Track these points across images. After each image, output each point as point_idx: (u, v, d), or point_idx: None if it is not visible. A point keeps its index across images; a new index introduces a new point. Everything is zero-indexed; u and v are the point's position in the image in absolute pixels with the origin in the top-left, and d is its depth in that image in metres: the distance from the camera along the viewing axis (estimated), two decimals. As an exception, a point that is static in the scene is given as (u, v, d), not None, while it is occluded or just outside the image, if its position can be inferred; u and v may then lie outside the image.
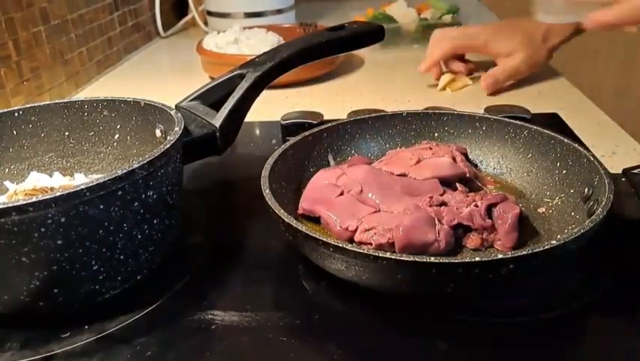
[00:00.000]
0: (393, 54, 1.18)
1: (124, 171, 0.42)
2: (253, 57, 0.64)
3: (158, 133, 0.56)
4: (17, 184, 0.58)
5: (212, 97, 0.61)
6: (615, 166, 0.58)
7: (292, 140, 0.58)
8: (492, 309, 0.45)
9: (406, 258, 0.39)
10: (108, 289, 0.46)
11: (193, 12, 1.43)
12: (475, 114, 0.62)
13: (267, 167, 0.52)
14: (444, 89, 0.95)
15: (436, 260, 0.39)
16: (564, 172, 0.54)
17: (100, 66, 1.13)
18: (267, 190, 0.48)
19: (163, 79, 1.13)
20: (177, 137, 0.48)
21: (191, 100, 0.61)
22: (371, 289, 0.44)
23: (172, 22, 1.47)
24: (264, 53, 0.64)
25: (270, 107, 0.85)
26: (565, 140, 0.55)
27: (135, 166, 0.43)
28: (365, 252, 0.40)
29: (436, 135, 0.63)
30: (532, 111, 0.75)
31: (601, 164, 0.49)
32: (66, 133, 0.60)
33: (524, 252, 0.39)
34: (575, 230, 0.41)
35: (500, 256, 0.39)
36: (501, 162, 0.60)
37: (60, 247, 0.41)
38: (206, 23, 1.42)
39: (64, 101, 0.60)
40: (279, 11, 1.35)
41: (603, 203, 0.44)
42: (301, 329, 0.44)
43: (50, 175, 0.59)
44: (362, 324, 0.45)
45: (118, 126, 0.60)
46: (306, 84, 1.01)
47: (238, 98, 0.59)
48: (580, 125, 0.76)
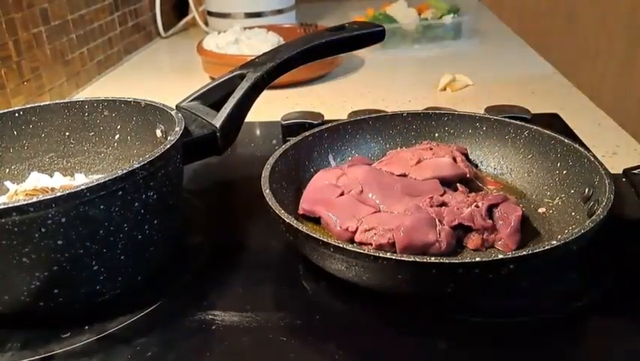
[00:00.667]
0: (393, 54, 1.18)
1: (124, 172, 0.42)
2: (253, 57, 0.64)
3: (159, 133, 0.56)
4: (18, 184, 0.58)
5: (212, 97, 0.61)
6: (616, 166, 0.58)
7: (293, 140, 0.58)
8: (492, 309, 0.45)
9: (407, 258, 0.39)
10: (108, 289, 0.46)
11: (193, 12, 1.43)
12: (476, 114, 0.62)
13: (268, 167, 0.52)
14: (444, 90, 0.95)
15: (437, 260, 0.39)
16: (564, 172, 0.54)
17: (100, 66, 1.13)
18: (268, 190, 0.48)
19: (163, 79, 1.13)
20: (178, 137, 0.48)
21: (191, 100, 0.61)
22: (371, 289, 0.44)
23: (172, 22, 1.47)
24: (265, 54, 0.64)
25: (271, 107, 0.85)
26: (565, 140, 0.55)
27: (136, 166, 0.43)
28: (365, 252, 0.40)
29: (437, 135, 0.63)
30: (532, 111, 0.75)
31: (601, 164, 0.49)
32: (66, 133, 0.60)
33: (524, 252, 0.39)
34: (576, 230, 0.41)
35: (501, 257, 0.39)
36: (501, 163, 0.60)
37: (60, 248, 0.41)
38: (206, 23, 1.42)
39: (64, 101, 0.60)
40: (280, 11, 1.35)
41: (603, 203, 0.44)
42: (301, 329, 0.44)
43: (51, 175, 0.59)
44: (362, 324, 0.45)
45: (118, 126, 0.60)
46: (307, 84, 1.01)
47: (238, 98, 0.59)
48: (580, 125, 0.76)
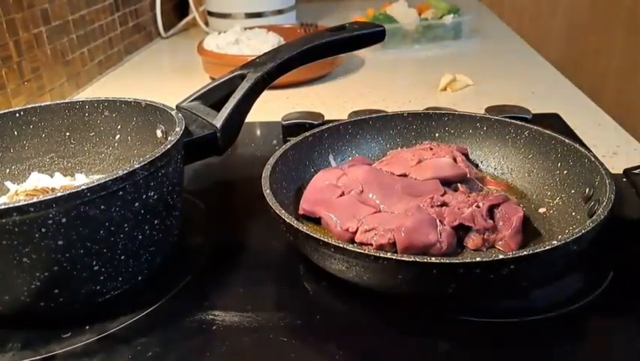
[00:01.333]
0: (393, 54, 1.18)
1: (125, 172, 0.42)
2: (254, 57, 0.64)
3: (159, 133, 0.56)
4: (18, 185, 0.58)
5: (212, 97, 0.61)
6: (616, 166, 0.58)
7: (293, 140, 0.58)
8: (492, 309, 0.45)
9: (407, 258, 0.39)
10: (109, 289, 0.46)
11: (194, 12, 1.43)
12: (476, 114, 0.62)
13: (268, 167, 0.52)
14: (445, 90, 0.95)
15: (437, 260, 0.39)
16: (565, 172, 0.54)
17: (101, 66, 1.13)
18: (268, 190, 0.48)
19: (164, 79, 1.13)
20: (178, 137, 0.48)
21: (191, 100, 0.61)
22: (372, 289, 0.44)
23: (173, 22, 1.47)
24: (265, 54, 0.64)
25: (271, 107, 0.85)
26: (566, 140, 0.55)
27: (136, 166, 0.43)
28: (366, 252, 0.40)
29: (437, 136, 0.63)
30: (532, 111, 0.75)
31: (602, 164, 0.49)
32: (67, 133, 0.60)
33: (525, 252, 0.39)
34: (576, 230, 0.41)
35: (501, 257, 0.39)
36: (502, 163, 0.60)
37: (61, 248, 0.41)
38: (206, 24, 1.42)
39: (65, 101, 0.60)
40: (280, 12, 1.35)
41: (604, 203, 0.44)
42: (302, 330, 0.44)
43: (51, 176, 0.59)
44: (363, 324, 0.45)
45: (119, 127, 0.60)
46: (307, 84, 1.01)
47: (239, 98, 0.59)
48: (581, 125, 0.76)
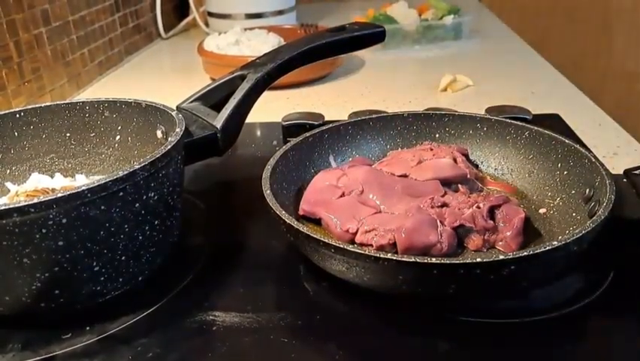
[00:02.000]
0: (394, 55, 1.18)
1: (125, 172, 0.42)
2: (254, 58, 0.64)
3: (160, 134, 0.56)
4: (19, 185, 0.58)
5: (213, 98, 0.61)
6: (617, 167, 0.58)
7: (293, 141, 0.58)
8: (493, 309, 0.45)
9: (407, 259, 0.39)
10: (109, 290, 0.46)
11: (194, 13, 1.43)
12: (476, 115, 0.62)
13: (268, 168, 0.52)
14: (445, 90, 0.95)
15: (438, 261, 0.39)
16: (565, 173, 0.54)
17: (101, 67, 1.13)
18: (268, 191, 0.48)
19: (164, 80, 1.13)
20: (178, 138, 0.48)
21: (192, 101, 0.61)
22: (372, 290, 0.44)
23: (173, 23, 1.47)
24: (265, 54, 0.64)
25: (271, 108, 0.85)
26: (566, 140, 0.55)
27: (136, 167, 0.43)
28: (366, 253, 0.40)
29: (437, 136, 0.63)
30: (533, 112, 0.75)
31: (602, 165, 0.49)
32: (67, 134, 0.60)
33: (525, 253, 0.39)
34: (577, 231, 0.41)
35: (502, 257, 0.39)
36: (502, 163, 0.60)
37: (61, 248, 0.41)
38: (207, 24, 1.42)
39: (65, 102, 0.60)
40: (280, 12, 1.35)
41: (604, 204, 0.44)
42: (302, 330, 0.44)
43: (52, 176, 0.59)
44: (363, 324, 0.45)
45: (119, 127, 0.60)
46: (307, 85, 1.01)
47: (239, 99, 0.59)
48: (581, 125, 0.76)
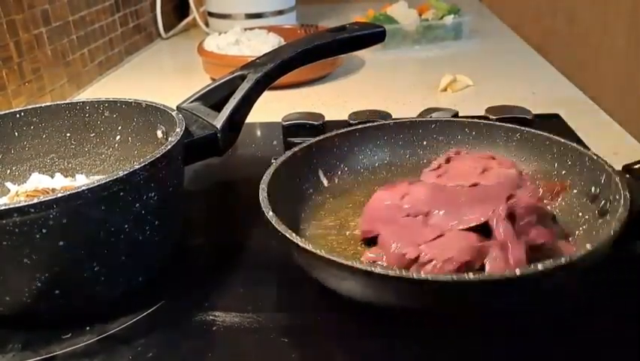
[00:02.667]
0: (394, 55, 1.18)
1: (125, 173, 0.42)
2: (254, 58, 0.64)
3: (160, 134, 0.56)
4: (19, 185, 0.58)
5: (213, 98, 0.61)
6: (618, 166, 0.57)
7: (282, 156, 0.55)
8: (493, 310, 0.45)
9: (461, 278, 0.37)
10: (109, 290, 0.46)
11: (194, 13, 1.43)
12: (464, 120, 0.61)
13: (264, 187, 0.49)
14: (445, 90, 0.95)
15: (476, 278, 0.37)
16: (564, 173, 0.53)
17: (101, 67, 1.13)
18: (271, 213, 0.45)
19: (164, 80, 1.13)
20: (178, 138, 0.48)
21: (192, 101, 0.61)
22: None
23: (173, 23, 1.47)
24: (265, 54, 0.64)
25: (271, 108, 0.85)
26: (561, 140, 0.54)
27: (136, 167, 0.43)
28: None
29: (425, 144, 0.61)
30: (533, 112, 0.75)
31: (605, 161, 0.49)
32: (67, 134, 0.60)
33: (576, 256, 0.37)
34: (606, 232, 0.40)
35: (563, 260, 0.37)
36: None
37: (61, 248, 0.41)
38: (207, 24, 1.42)
39: (65, 102, 0.60)
40: (280, 12, 1.35)
41: (621, 201, 0.43)
42: (302, 330, 0.44)
43: (52, 176, 0.59)
44: (364, 325, 0.44)
45: (119, 127, 0.60)
46: (307, 85, 1.01)
47: (239, 99, 0.59)
48: (581, 125, 0.76)
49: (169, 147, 0.46)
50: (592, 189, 0.49)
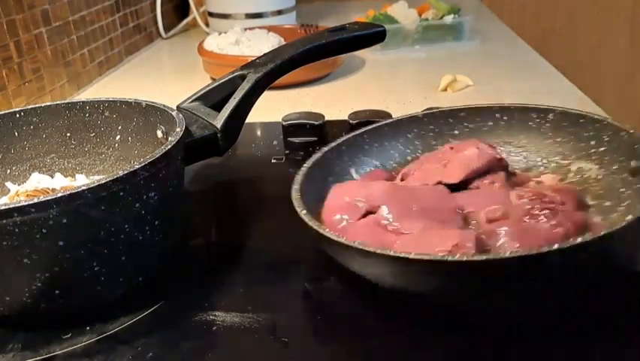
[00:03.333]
0: (394, 55, 1.18)
1: (125, 172, 0.42)
2: (254, 58, 0.64)
3: (160, 134, 0.56)
4: (19, 185, 0.58)
5: (213, 98, 0.61)
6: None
7: (312, 158, 0.54)
8: (493, 309, 0.45)
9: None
10: (109, 290, 0.46)
11: (194, 13, 1.43)
12: (493, 105, 0.60)
13: (296, 187, 0.49)
14: (445, 90, 0.95)
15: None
16: (602, 150, 0.52)
17: (101, 67, 1.13)
18: (304, 211, 0.45)
19: (164, 80, 1.13)
20: (179, 138, 0.48)
21: (192, 101, 0.61)
22: (381, 289, 0.43)
23: (173, 23, 1.47)
24: (265, 54, 0.64)
25: (271, 107, 0.85)
26: (596, 116, 0.53)
27: (137, 167, 0.43)
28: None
29: (457, 133, 0.60)
30: (533, 112, 0.74)
31: None
32: (67, 134, 0.60)
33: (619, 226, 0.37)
34: None
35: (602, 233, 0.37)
36: (530, 152, 0.57)
37: (61, 248, 0.41)
38: (207, 24, 1.42)
39: (65, 102, 0.60)
40: (280, 12, 1.35)
41: None
42: (302, 330, 0.44)
43: (52, 176, 0.59)
44: (364, 325, 0.44)
45: (119, 127, 0.60)
46: (307, 85, 1.01)
47: (239, 99, 0.59)
48: (581, 125, 0.76)
49: (169, 147, 0.46)
50: (632, 163, 0.48)
